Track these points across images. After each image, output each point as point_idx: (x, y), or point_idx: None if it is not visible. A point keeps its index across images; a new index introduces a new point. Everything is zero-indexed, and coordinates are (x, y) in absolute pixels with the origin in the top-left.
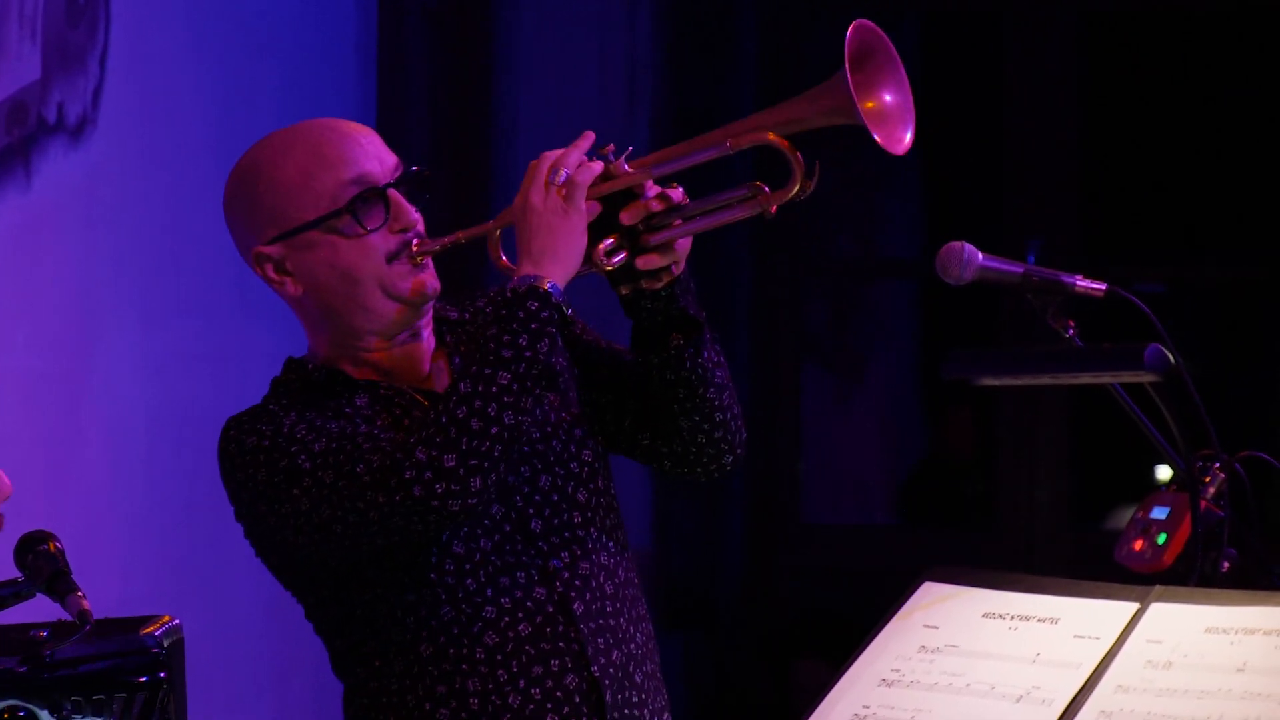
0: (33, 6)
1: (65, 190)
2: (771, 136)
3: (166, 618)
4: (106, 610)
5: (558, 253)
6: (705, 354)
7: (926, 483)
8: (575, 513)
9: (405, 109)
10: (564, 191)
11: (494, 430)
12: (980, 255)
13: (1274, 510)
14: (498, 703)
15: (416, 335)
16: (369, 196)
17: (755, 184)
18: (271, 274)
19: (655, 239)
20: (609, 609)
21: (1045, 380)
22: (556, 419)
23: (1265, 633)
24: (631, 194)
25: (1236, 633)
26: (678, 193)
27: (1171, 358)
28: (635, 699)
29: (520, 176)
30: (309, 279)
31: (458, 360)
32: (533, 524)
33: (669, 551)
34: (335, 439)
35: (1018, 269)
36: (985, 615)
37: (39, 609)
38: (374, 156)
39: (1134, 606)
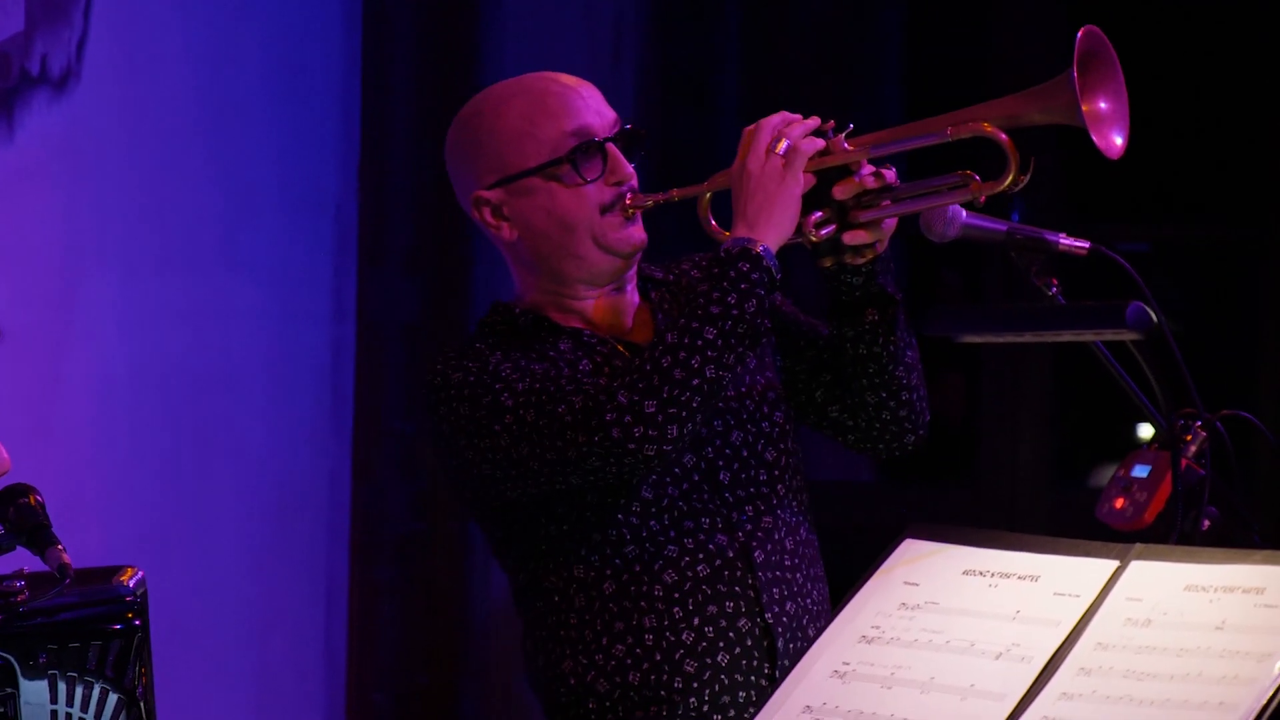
0: None
1: (48, 143)
2: (988, 128)
3: (133, 569)
4: (90, 563)
5: (773, 218)
6: (898, 332)
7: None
8: (763, 470)
9: (390, 66)
10: (784, 160)
11: (695, 382)
12: (964, 213)
13: (1255, 469)
14: (671, 639)
15: (621, 288)
16: (588, 148)
17: (966, 173)
18: (489, 218)
19: (864, 216)
20: (787, 563)
21: (1028, 338)
22: (752, 380)
23: (1244, 591)
24: (846, 170)
25: (1216, 591)
26: (891, 173)
27: (1154, 316)
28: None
29: None
30: (524, 225)
31: (660, 316)
32: (721, 475)
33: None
34: (539, 379)
35: (1001, 227)
36: (965, 572)
37: (20, 561)
38: (594, 110)
39: (1114, 564)
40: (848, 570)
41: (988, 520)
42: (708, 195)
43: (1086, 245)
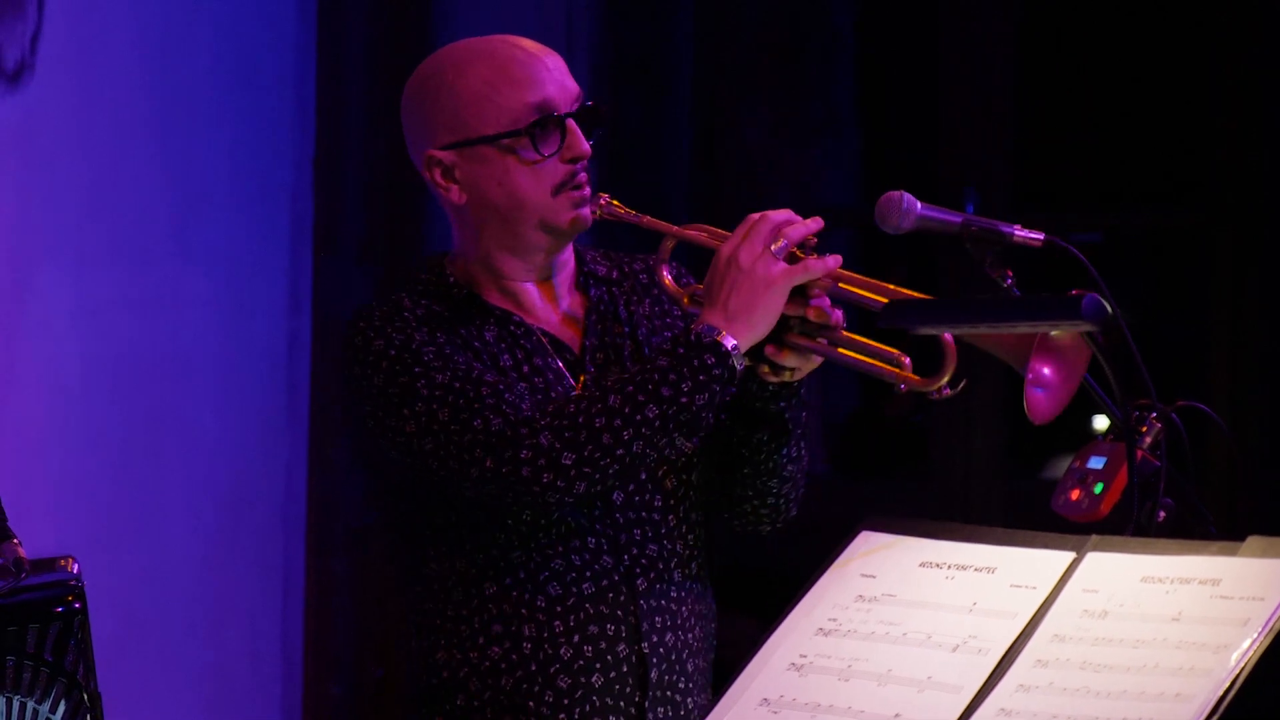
0: None
1: (2, 135)
2: (945, 337)
3: (71, 558)
4: (42, 553)
5: (752, 319)
6: (784, 452)
7: (860, 432)
8: (659, 496)
9: (343, 54)
10: (781, 269)
11: (619, 451)
12: (919, 205)
13: (1210, 460)
14: (550, 652)
15: (553, 275)
16: (548, 123)
17: (902, 357)
18: (439, 178)
19: (796, 341)
20: (672, 594)
21: (983, 329)
22: None
23: (1200, 582)
24: (803, 291)
25: (1172, 582)
26: (838, 314)
27: (1109, 307)
28: (681, 685)
29: None
30: (474, 191)
31: (594, 318)
32: (615, 495)
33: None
34: (459, 377)
35: (956, 218)
36: (922, 565)
37: None
38: (557, 82)
39: (1070, 556)
40: (802, 564)
41: (942, 512)
42: (671, 244)
43: (1041, 237)
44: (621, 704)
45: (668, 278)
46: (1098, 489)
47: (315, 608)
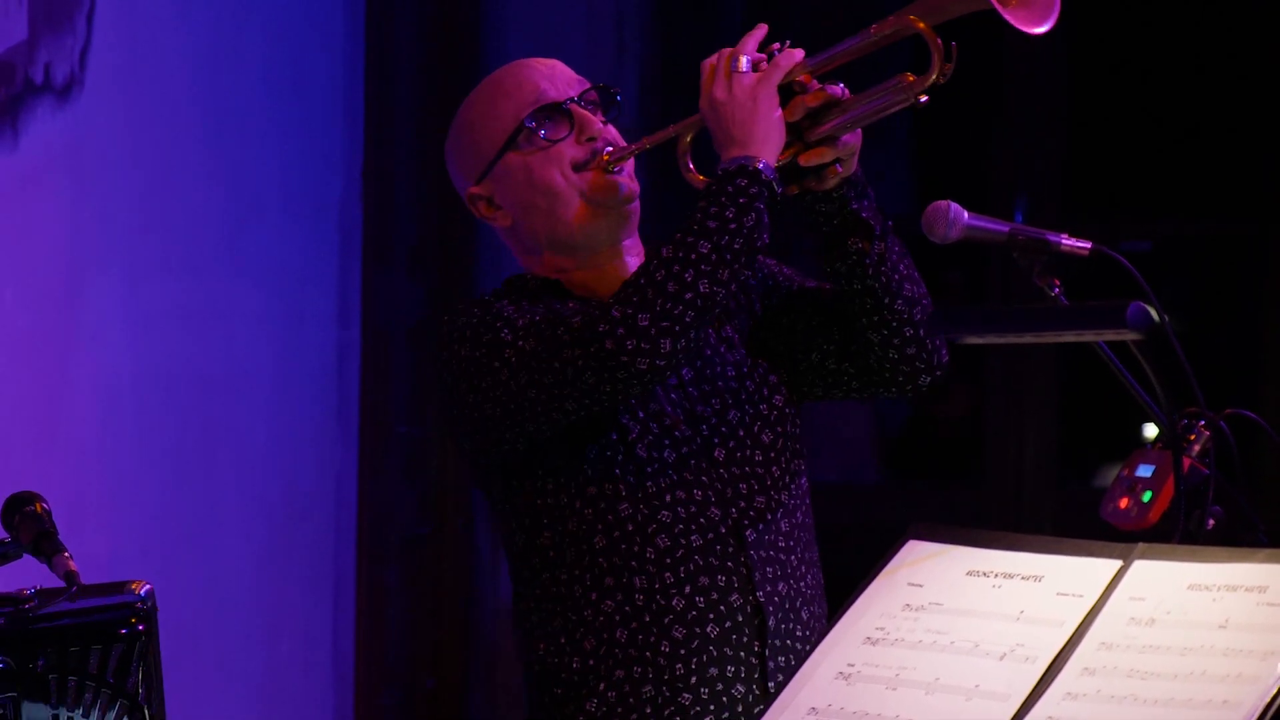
0: None
1: (52, 150)
2: (912, 19)
3: (143, 582)
4: (95, 568)
5: (758, 134)
6: (889, 263)
7: (914, 440)
8: (759, 451)
9: (393, 66)
10: (752, 78)
11: (688, 295)
12: (966, 214)
13: (1260, 467)
14: (662, 603)
15: (625, 255)
16: (550, 111)
17: (901, 74)
18: (485, 211)
19: (816, 133)
20: (781, 544)
21: (1028, 339)
22: (754, 362)
23: (1247, 589)
24: (790, 91)
25: (1219, 589)
26: (837, 88)
27: (1155, 315)
28: (799, 634)
29: None
30: (515, 205)
31: None
32: (716, 452)
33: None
34: (541, 314)
35: (1003, 228)
36: (969, 573)
37: (29, 570)
38: (549, 79)
39: (1117, 564)
40: (852, 571)
41: (993, 520)
42: (687, 139)
43: (1089, 246)
44: (741, 654)
45: (691, 167)
46: (1146, 497)
47: (366, 618)
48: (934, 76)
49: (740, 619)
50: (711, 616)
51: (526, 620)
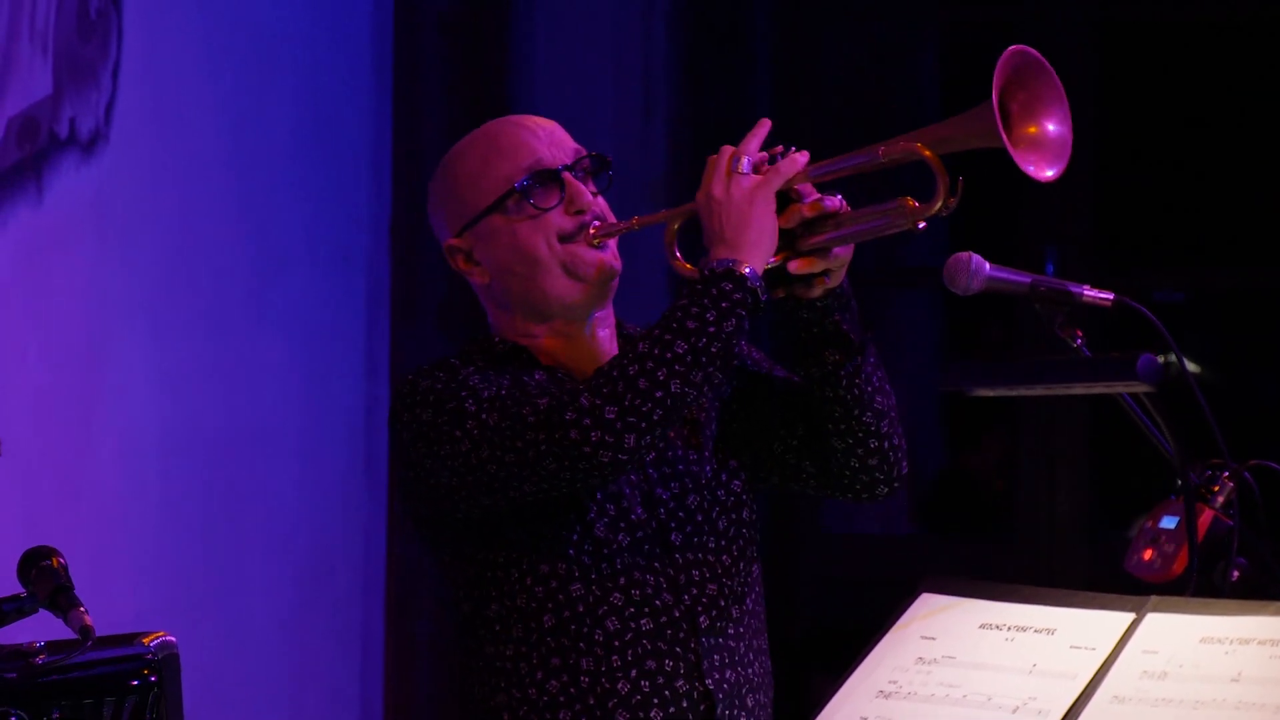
0: (44, 21)
1: (77, 205)
2: (919, 148)
3: (161, 633)
4: (120, 625)
5: (751, 239)
6: (863, 376)
7: (947, 492)
8: (713, 538)
9: (421, 121)
10: (752, 181)
11: (658, 394)
12: (988, 265)
13: None
14: (607, 686)
15: (596, 328)
16: (542, 177)
17: (902, 198)
18: (462, 264)
19: (809, 243)
20: (730, 631)
21: (1039, 390)
22: (715, 446)
23: (1260, 642)
24: (788, 198)
25: (1231, 642)
26: (835, 200)
27: (1171, 367)
28: None
29: None
30: (494, 265)
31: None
32: (673, 536)
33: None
34: (507, 388)
35: (1025, 279)
36: (982, 626)
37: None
38: (548, 143)
39: (1130, 617)
40: (885, 622)
41: (1026, 572)
42: (675, 226)
43: (1111, 297)
44: None
45: (678, 255)
46: (1170, 549)
47: (395, 675)
48: (937, 207)
49: (685, 705)
50: (656, 701)
51: (470, 691)
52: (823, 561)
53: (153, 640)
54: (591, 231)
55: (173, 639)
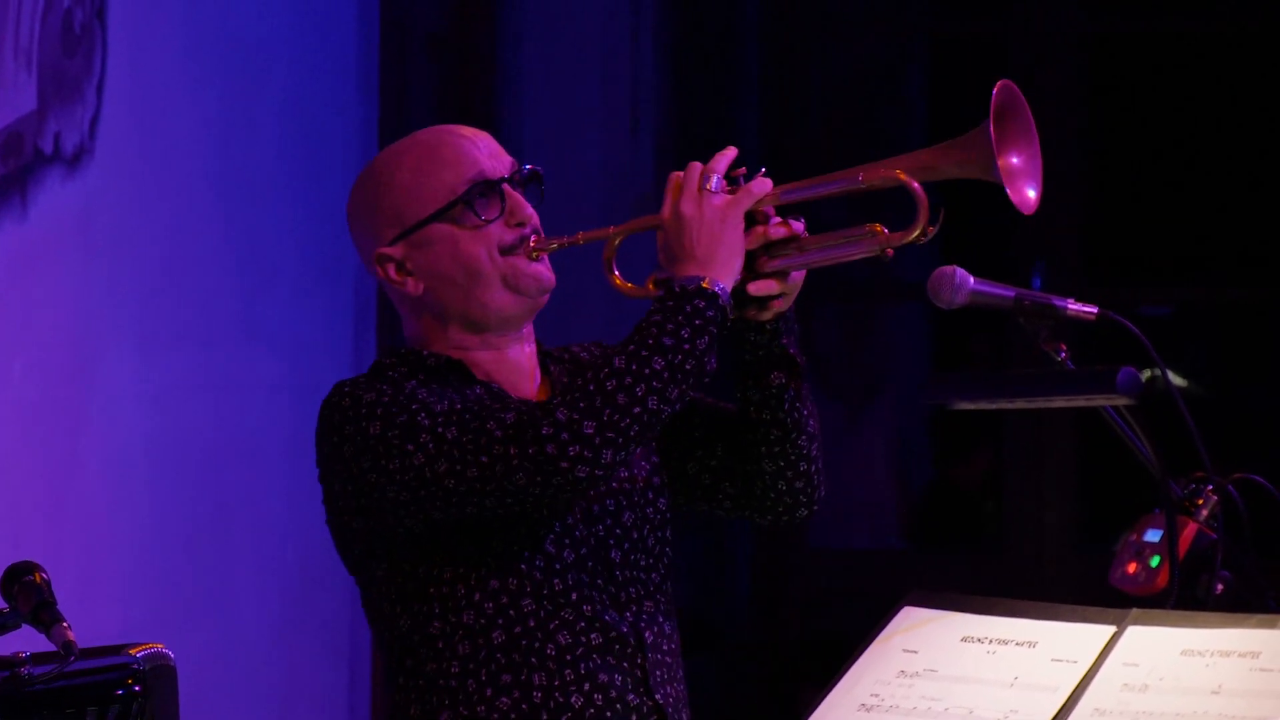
0: (28, 36)
1: (62, 220)
2: (901, 176)
3: (156, 644)
4: (107, 638)
5: (721, 258)
6: (803, 399)
7: (936, 506)
8: (644, 556)
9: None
10: (724, 200)
11: (636, 410)
12: (972, 280)
13: (1271, 532)
14: (560, 700)
15: (524, 342)
16: (485, 189)
17: (873, 225)
18: (393, 274)
19: (770, 266)
20: (665, 647)
21: (1020, 404)
22: (640, 466)
23: (1240, 655)
24: (753, 218)
25: (1212, 655)
26: (799, 224)
27: (1152, 380)
28: None
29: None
30: (430, 275)
31: (565, 381)
32: (612, 554)
33: (675, 575)
34: (460, 402)
35: (1009, 293)
36: (964, 639)
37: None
38: (488, 154)
39: (1111, 630)
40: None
41: (1015, 585)
42: (616, 242)
43: (1095, 310)
44: None
45: (619, 278)
46: (1154, 562)
47: (383, 687)
48: (914, 234)
49: (635, 719)
50: (609, 715)
51: (404, 711)
52: (812, 577)
53: (140, 651)
54: (531, 244)
55: (168, 651)
